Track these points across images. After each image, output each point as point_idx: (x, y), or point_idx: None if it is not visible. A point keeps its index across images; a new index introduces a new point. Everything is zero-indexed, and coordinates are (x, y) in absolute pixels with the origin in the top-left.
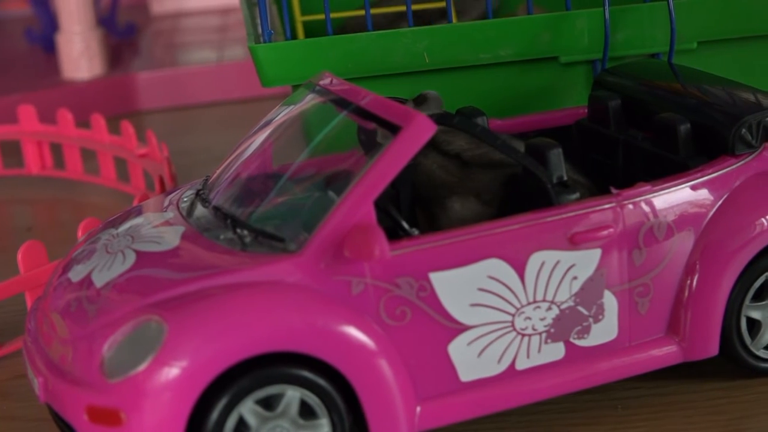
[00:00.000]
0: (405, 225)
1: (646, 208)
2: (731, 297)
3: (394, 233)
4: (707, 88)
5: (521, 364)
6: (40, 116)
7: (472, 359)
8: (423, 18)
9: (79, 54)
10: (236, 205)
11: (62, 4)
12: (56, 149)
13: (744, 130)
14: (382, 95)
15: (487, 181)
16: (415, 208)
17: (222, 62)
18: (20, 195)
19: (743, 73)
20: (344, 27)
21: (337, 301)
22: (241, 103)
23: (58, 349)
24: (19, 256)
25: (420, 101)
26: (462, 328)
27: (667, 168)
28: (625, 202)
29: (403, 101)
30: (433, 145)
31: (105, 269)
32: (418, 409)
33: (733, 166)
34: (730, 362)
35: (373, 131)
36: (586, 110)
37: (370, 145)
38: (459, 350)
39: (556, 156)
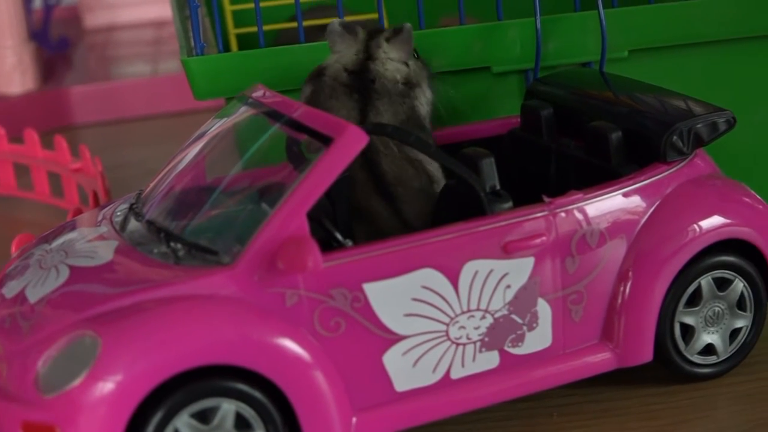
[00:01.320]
0: (338, 236)
1: (579, 216)
2: (664, 303)
3: (328, 245)
4: (639, 96)
5: (456, 373)
6: None
7: (407, 369)
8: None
9: (12, 68)
10: (169, 219)
11: None
12: None
13: (675, 138)
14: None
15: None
16: (351, 220)
17: (156, 75)
18: None
19: (674, 81)
20: (277, 39)
21: (272, 313)
22: (175, 116)
23: None
24: None
25: (396, 32)
26: (397, 339)
27: (599, 176)
28: (558, 210)
29: (379, 29)
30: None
31: (39, 285)
32: (354, 419)
33: (665, 173)
34: (665, 368)
35: (304, 143)
36: (519, 120)
37: (300, 158)
38: (394, 360)
39: (489, 165)
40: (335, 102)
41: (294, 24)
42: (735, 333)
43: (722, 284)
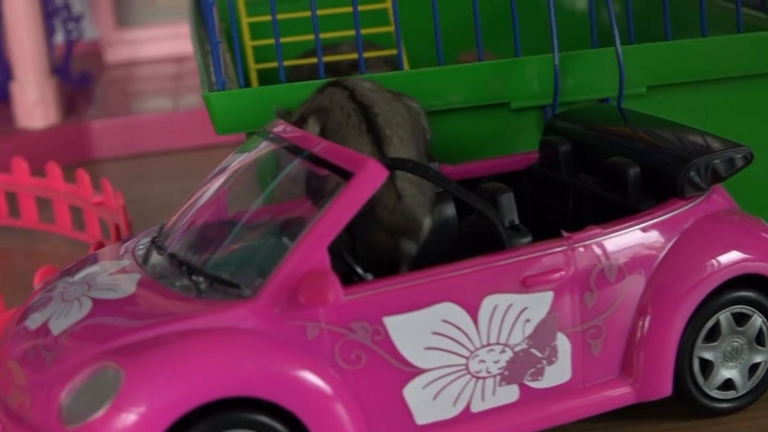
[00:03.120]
0: (359, 270)
1: (598, 251)
2: (683, 338)
3: (348, 278)
4: (656, 132)
5: (476, 407)
6: None
7: (427, 402)
8: (334, 70)
9: (34, 103)
10: (191, 252)
11: (16, 53)
12: (11, 198)
13: (693, 173)
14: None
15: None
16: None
17: (177, 110)
18: None
19: (692, 117)
20: (290, 75)
21: (293, 346)
22: (196, 151)
23: (16, 396)
24: None
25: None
26: (417, 372)
27: (617, 211)
28: (576, 245)
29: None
30: None
31: (62, 317)
32: None
33: (683, 209)
34: (684, 402)
35: (325, 178)
36: (537, 155)
37: (320, 192)
38: (414, 394)
39: (508, 200)
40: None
41: (313, 59)
42: (754, 368)
43: (741, 319)
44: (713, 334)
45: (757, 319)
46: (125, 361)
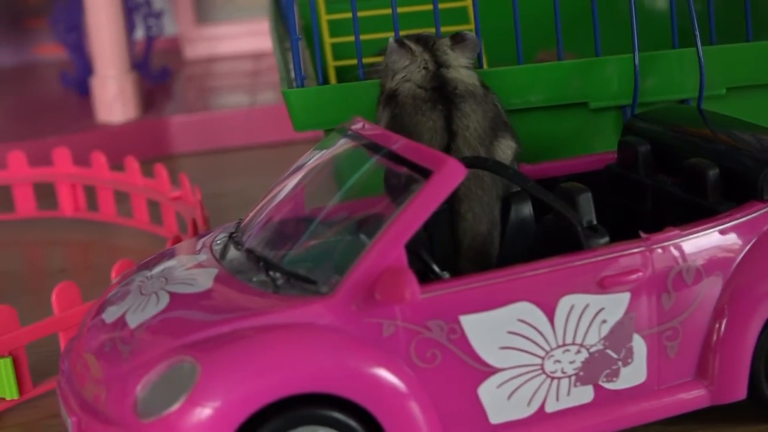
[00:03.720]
0: (436, 268)
1: (675, 253)
2: (759, 341)
3: (425, 276)
4: (736, 133)
5: (551, 407)
6: (75, 159)
7: (501, 402)
8: None
9: (113, 98)
10: (269, 248)
11: (97, 49)
12: (90, 192)
13: None
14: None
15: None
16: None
17: (254, 106)
18: (54, 237)
19: None
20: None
21: (369, 343)
22: (273, 147)
23: (91, 389)
24: (54, 297)
25: (458, 40)
26: (492, 371)
27: (695, 213)
28: (654, 246)
29: (428, 36)
30: None
31: (139, 310)
32: None
33: (762, 211)
34: (758, 406)
35: (403, 176)
36: (616, 155)
37: (399, 190)
38: (489, 393)
39: (586, 200)
40: (420, 117)
41: None
42: None
43: None
44: None
45: None
46: (201, 355)
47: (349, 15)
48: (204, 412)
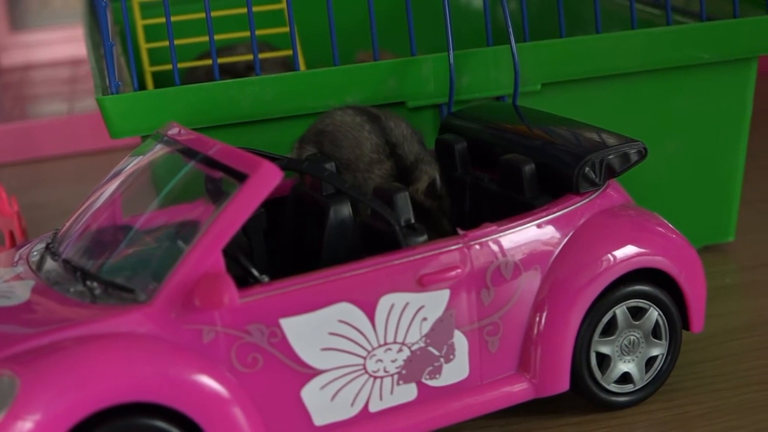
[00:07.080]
0: (255, 272)
1: (493, 248)
2: (580, 333)
3: (244, 281)
4: (551, 128)
5: (374, 407)
6: None
7: (325, 403)
8: (230, 72)
9: None
10: (86, 258)
11: None
12: None
13: (587, 169)
14: (230, 144)
15: None
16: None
17: (72, 114)
18: None
19: (586, 114)
20: (185, 77)
21: (189, 349)
22: (93, 155)
23: None
24: None
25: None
26: (314, 373)
27: (513, 208)
28: (472, 242)
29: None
30: None
31: None
32: None
33: (578, 204)
34: (582, 397)
35: (220, 180)
36: (434, 153)
37: (217, 195)
38: (312, 395)
39: (403, 199)
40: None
41: (207, 61)
42: (651, 361)
43: (637, 313)
44: (610, 329)
45: (653, 313)
46: (20, 368)
47: (164, 19)
48: (25, 426)
